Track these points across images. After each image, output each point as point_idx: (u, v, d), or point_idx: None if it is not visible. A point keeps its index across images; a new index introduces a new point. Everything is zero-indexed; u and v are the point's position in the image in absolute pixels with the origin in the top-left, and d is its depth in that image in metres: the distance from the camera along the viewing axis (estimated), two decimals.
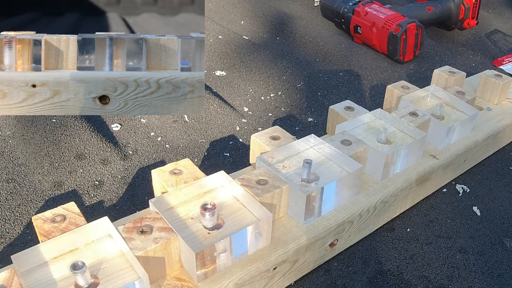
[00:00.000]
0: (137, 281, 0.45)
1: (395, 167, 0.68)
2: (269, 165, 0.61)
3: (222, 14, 1.49)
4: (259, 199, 0.54)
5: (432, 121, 0.74)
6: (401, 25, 1.19)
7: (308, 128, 0.95)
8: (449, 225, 0.71)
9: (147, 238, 0.48)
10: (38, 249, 0.47)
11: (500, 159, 0.86)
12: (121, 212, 0.72)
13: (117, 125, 0.92)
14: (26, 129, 0.88)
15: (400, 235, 0.69)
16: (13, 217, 0.70)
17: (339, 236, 0.62)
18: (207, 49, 1.24)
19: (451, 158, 0.74)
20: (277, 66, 1.18)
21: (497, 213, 0.74)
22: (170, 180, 0.57)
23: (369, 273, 0.62)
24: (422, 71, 1.21)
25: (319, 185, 0.58)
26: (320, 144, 0.65)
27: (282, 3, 1.61)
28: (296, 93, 1.08)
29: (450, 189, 0.78)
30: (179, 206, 0.55)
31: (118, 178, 0.78)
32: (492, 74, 0.90)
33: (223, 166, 0.83)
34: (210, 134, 0.91)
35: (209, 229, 0.52)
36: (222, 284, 0.50)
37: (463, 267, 0.64)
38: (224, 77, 1.13)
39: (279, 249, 0.55)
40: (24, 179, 0.77)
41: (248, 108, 1.01)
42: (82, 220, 0.51)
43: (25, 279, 0.46)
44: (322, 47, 1.30)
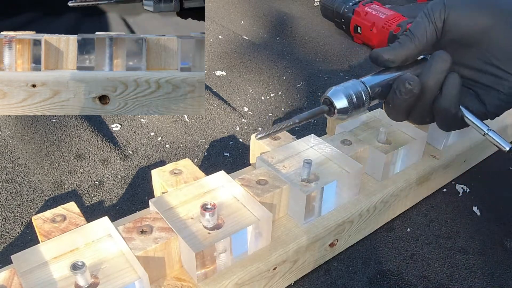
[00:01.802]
0: (137, 281, 0.45)
1: (395, 167, 0.68)
2: (269, 165, 0.61)
3: (222, 14, 1.49)
4: (259, 199, 0.54)
5: None
6: (401, 25, 1.19)
7: (308, 128, 0.95)
8: (449, 225, 0.71)
9: (147, 238, 0.48)
10: (38, 249, 0.47)
11: (500, 159, 0.86)
12: (121, 212, 0.72)
13: (117, 125, 0.92)
14: (26, 129, 0.88)
15: (400, 235, 0.69)
16: (13, 217, 0.70)
17: (339, 236, 0.62)
18: (207, 49, 1.24)
19: (451, 158, 0.74)
20: (277, 66, 1.18)
21: (497, 213, 0.74)
22: (170, 180, 0.57)
23: (369, 273, 0.62)
24: None
25: (319, 185, 0.58)
26: (320, 144, 0.65)
27: (282, 3, 1.61)
28: (296, 93, 1.08)
29: (450, 189, 0.78)
30: (179, 206, 0.55)
31: (118, 178, 0.78)
32: None
33: (223, 166, 0.83)
34: (210, 134, 0.91)
35: (209, 229, 0.52)
36: (222, 284, 0.50)
37: (463, 267, 0.64)
38: (224, 77, 1.13)
39: (279, 249, 0.55)
40: (24, 179, 0.77)
41: (248, 108, 1.01)
42: (82, 220, 0.51)
43: (25, 279, 0.46)
44: (322, 47, 1.30)
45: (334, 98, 0.52)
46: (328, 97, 0.53)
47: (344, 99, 0.52)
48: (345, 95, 0.52)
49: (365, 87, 0.52)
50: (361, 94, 0.52)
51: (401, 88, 0.48)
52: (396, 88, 0.49)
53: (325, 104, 0.53)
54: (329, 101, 0.53)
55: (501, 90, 0.48)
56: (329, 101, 0.53)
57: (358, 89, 0.52)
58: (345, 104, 0.52)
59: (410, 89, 0.48)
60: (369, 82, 0.53)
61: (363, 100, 0.52)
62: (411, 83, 0.48)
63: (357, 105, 0.53)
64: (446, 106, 0.48)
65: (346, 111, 0.53)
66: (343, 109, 0.52)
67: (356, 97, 0.52)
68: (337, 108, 0.52)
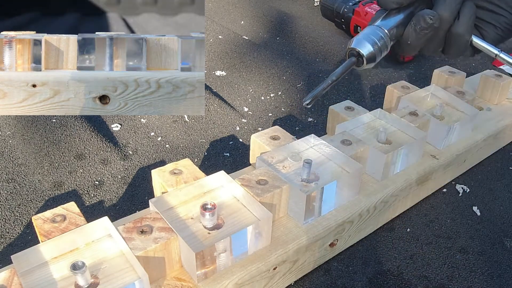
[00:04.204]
0: (137, 281, 0.45)
1: (395, 167, 0.68)
2: (269, 165, 0.61)
3: (222, 14, 1.49)
4: (259, 199, 0.54)
5: (432, 121, 0.74)
6: None
7: (308, 128, 0.95)
8: (449, 225, 0.71)
9: (147, 238, 0.48)
10: (38, 249, 0.47)
11: (500, 159, 0.86)
12: (121, 212, 0.72)
13: (117, 125, 0.92)
14: (26, 129, 0.88)
15: (400, 235, 0.69)
16: (13, 217, 0.70)
17: (339, 236, 0.62)
18: (207, 49, 1.24)
19: (451, 158, 0.74)
20: (277, 66, 1.18)
21: (497, 213, 0.74)
22: (170, 180, 0.57)
23: (369, 273, 0.62)
24: (422, 71, 1.21)
25: (319, 185, 0.58)
26: (320, 144, 0.65)
27: (282, 3, 1.61)
28: (296, 93, 1.08)
29: (450, 189, 0.78)
30: (179, 206, 0.55)
31: (118, 178, 0.78)
32: (492, 74, 0.90)
33: (223, 166, 0.83)
34: (210, 134, 0.91)
35: (209, 229, 0.52)
36: (222, 284, 0.50)
37: (463, 267, 0.64)
38: (224, 77, 1.13)
39: (279, 249, 0.55)
40: (24, 179, 0.77)
41: (248, 108, 1.01)
42: (82, 220, 0.51)
43: (25, 279, 0.46)
44: (322, 47, 1.30)
45: (359, 47, 0.53)
46: (353, 48, 0.53)
47: (369, 46, 0.53)
48: (369, 42, 0.53)
49: (383, 30, 0.53)
50: (382, 38, 0.53)
51: (422, 24, 0.51)
52: (416, 24, 0.52)
53: (352, 56, 0.54)
54: (356, 52, 0.53)
55: (497, 25, 0.53)
56: (356, 52, 0.53)
57: (379, 34, 0.53)
58: (371, 50, 0.53)
59: (431, 23, 0.51)
60: (385, 26, 0.54)
61: (386, 44, 0.53)
62: (432, 18, 0.50)
63: (382, 49, 0.53)
64: (461, 32, 0.52)
65: (374, 57, 0.53)
66: (371, 56, 0.53)
67: (378, 41, 0.53)
68: (365, 56, 0.53)
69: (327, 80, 0.52)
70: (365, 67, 0.54)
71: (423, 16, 0.51)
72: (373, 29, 0.54)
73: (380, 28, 0.54)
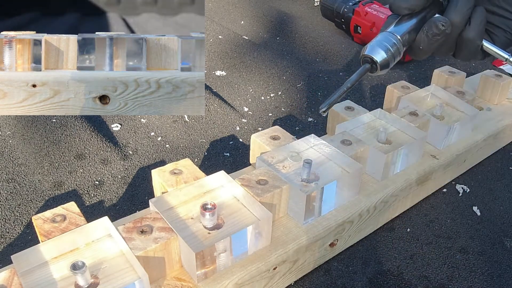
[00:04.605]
0: (137, 281, 0.45)
1: (395, 167, 0.68)
2: (269, 165, 0.61)
3: (222, 14, 1.49)
4: (259, 199, 0.54)
5: (432, 121, 0.74)
6: None
7: (308, 128, 0.95)
8: (449, 225, 0.71)
9: (147, 238, 0.48)
10: (38, 249, 0.47)
11: (500, 159, 0.86)
12: (121, 212, 0.72)
13: (117, 125, 0.92)
14: (26, 129, 0.88)
15: (400, 235, 0.69)
16: (13, 217, 0.70)
17: (339, 236, 0.62)
18: (207, 49, 1.24)
19: (451, 158, 0.74)
20: (277, 66, 1.18)
21: (497, 213, 0.74)
22: (170, 180, 0.57)
23: (369, 273, 0.62)
24: (422, 71, 1.21)
25: (319, 185, 0.58)
26: (320, 144, 0.65)
27: (282, 3, 1.61)
28: (296, 93, 1.08)
29: (450, 189, 0.78)
30: (179, 206, 0.55)
31: (118, 178, 0.78)
32: (492, 74, 0.90)
33: (223, 166, 0.83)
34: (210, 134, 0.91)
35: (209, 229, 0.52)
36: (222, 284, 0.50)
37: (463, 267, 0.64)
38: (224, 77, 1.13)
39: (279, 249, 0.55)
40: (24, 179, 0.77)
41: (248, 108, 1.01)
42: (82, 220, 0.51)
43: (25, 279, 0.46)
44: (322, 47, 1.30)
45: (373, 54, 0.53)
46: (367, 55, 0.54)
47: (382, 52, 0.53)
48: (383, 49, 0.53)
49: (395, 36, 0.54)
50: (395, 44, 0.54)
51: (434, 30, 0.52)
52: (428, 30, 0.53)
53: (365, 62, 0.54)
54: (370, 59, 0.53)
55: (507, 30, 0.54)
56: (369, 58, 0.53)
57: (392, 40, 0.54)
58: (385, 56, 0.53)
59: (443, 29, 0.51)
60: (398, 32, 0.54)
61: (399, 49, 0.54)
62: (444, 24, 0.51)
63: (395, 55, 0.54)
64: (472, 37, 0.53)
65: (388, 64, 0.54)
66: (384, 62, 0.53)
67: (392, 48, 0.53)
68: (378, 63, 0.53)
69: (342, 88, 0.53)
70: (379, 73, 0.54)
71: (435, 23, 0.51)
72: (386, 36, 0.54)
73: (393, 34, 0.55)
